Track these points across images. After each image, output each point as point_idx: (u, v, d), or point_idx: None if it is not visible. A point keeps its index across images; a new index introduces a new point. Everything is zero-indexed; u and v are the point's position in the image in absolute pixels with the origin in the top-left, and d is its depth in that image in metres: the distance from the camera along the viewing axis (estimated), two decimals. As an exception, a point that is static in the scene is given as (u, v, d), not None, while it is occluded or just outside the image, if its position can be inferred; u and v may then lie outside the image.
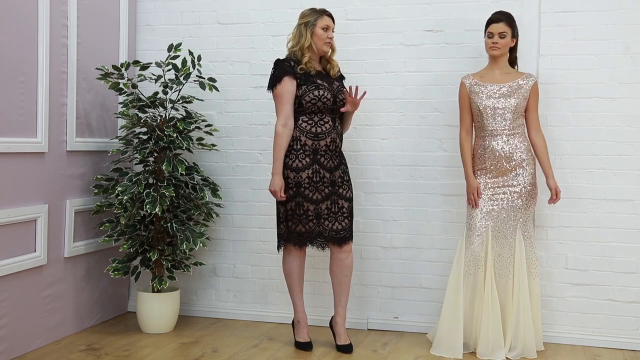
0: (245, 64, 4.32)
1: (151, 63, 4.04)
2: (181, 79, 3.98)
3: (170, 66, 3.99)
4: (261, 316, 4.31)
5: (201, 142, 4.10)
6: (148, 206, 3.75)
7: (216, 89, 4.03)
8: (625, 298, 3.80)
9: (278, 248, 3.69)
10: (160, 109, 4.02)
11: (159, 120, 3.99)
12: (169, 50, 3.99)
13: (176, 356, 3.59)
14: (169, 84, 3.96)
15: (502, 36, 3.57)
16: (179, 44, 4.00)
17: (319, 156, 3.58)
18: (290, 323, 3.94)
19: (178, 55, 3.99)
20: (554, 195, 3.65)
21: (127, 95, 3.99)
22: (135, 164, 4.13)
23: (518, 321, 3.55)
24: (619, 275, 3.81)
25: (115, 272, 3.89)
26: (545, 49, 3.88)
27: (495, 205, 3.59)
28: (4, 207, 3.40)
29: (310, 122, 3.59)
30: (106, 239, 3.94)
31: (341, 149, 3.70)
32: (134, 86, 3.97)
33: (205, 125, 4.15)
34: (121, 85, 3.93)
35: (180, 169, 3.87)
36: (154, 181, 3.93)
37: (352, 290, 4.04)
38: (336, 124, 3.65)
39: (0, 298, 3.38)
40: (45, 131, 3.65)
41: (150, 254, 3.87)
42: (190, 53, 4.01)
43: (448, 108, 4.01)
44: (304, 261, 3.74)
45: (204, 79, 3.98)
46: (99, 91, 4.11)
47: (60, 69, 3.79)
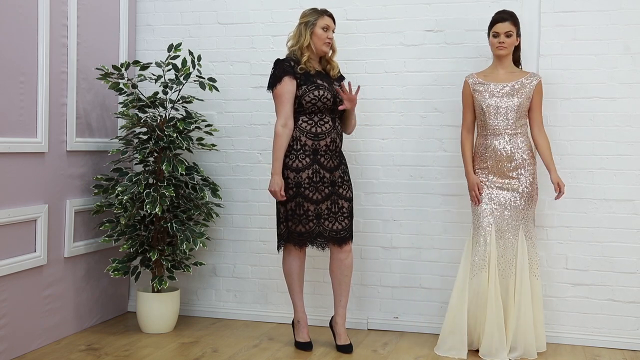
0: (245, 64, 4.32)
1: (151, 63, 4.04)
2: (181, 79, 3.98)
3: (170, 66, 3.99)
4: (261, 316, 4.31)
5: (201, 142, 4.10)
6: (148, 206, 3.75)
7: (216, 89, 4.03)
8: (625, 298, 3.80)
9: (278, 248, 3.69)
10: (160, 109, 4.02)
11: (159, 120, 3.99)
12: (169, 50, 3.99)
13: (176, 356, 3.59)
14: (169, 84, 3.96)
15: (508, 35, 3.55)
16: (179, 44, 4.00)
17: (319, 156, 3.58)
18: (290, 323, 3.94)
19: (178, 55, 3.99)
20: (556, 189, 3.60)
21: (127, 95, 3.99)
22: (135, 164, 4.13)
23: (519, 322, 3.54)
24: (619, 275, 3.81)
25: (115, 272, 3.89)
26: (545, 49, 3.88)
27: (498, 205, 3.57)
28: (4, 207, 3.40)
29: (310, 122, 3.59)
30: (106, 239, 3.94)
31: (341, 149, 3.70)
32: (134, 86, 3.97)
33: (205, 125, 4.15)
34: (121, 85, 3.93)
35: (180, 169, 3.87)
36: (154, 181, 3.93)
37: (352, 290, 4.04)
38: (336, 124, 3.65)
39: (0, 298, 3.38)
40: (45, 131, 3.65)
41: (150, 254, 3.87)
42: (190, 53, 4.01)
43: (448, 108, 4.01)
44: (304, 261, 3.74)
45: (204, 79, 3.98)
46: (99, 91, 4.11)
47: (60, 69, 3.79)
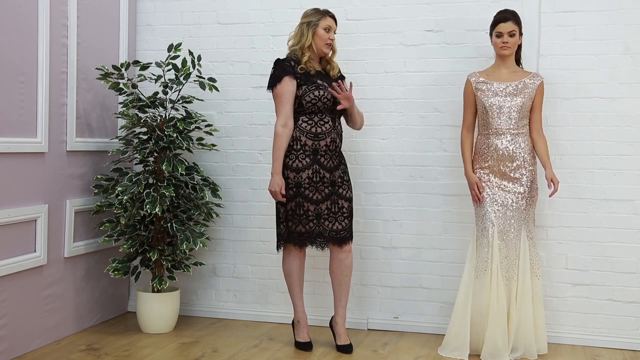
0: (245, 64, 4.32)
1: (151, 63, 4.04)
2: (181, 79, 3.98)
3: (170, 66, 3.99)
4: (261, 316, 4.31)
5: (201, 142, 4.10)
6: (148, 206, 3.75)
7: (216, 89, 4.03)
8: (625, 298, 3.80)
9: (277, 248, 3.69)
10: (160, 109, 4.02)
11: (159, 120, 3.99)
12: (169, 50, 3.99)
13: (176, 356, 3.59)
14: (169, 84, 3.96)
15: (512, 35, 3.54)
16: (179, 44, 4.00)
17: (319, 156, 3.58)
18: (290, 323, 3.94)
19: (178, 55, 3.99)
20: (549, 186, 3.56)
21: (127, 95, 3.99)
22: (135, 164, 4.13)
23: (520, 322, 3.52)
24: (619, 275, 3.81)
25: (115, 272, 3.89)
26: (545, 49, 3.88)
27: (501, 206, 3.55)
28: (4, 207, 3.40)
29: (310, 122, 3.59)
30: (106, 239, 3.94)
31: (341, 149, 3.70)
32: (134, 86, 3.97)
33: (205, 125, 4.15)
34: (121, 85, 3.93)
35: (180, 169, 3.87)
36: (154, 181, 3.93)
37: (352, 290, 4.04)
38: (336, 124, 3.65)
39: (0, 298, 3.38)
40: (45, 131, 3.65)
41: (150, 254, 3.87)
42: (190, 53, 4.01)
43: (448, 108, 4.01)
44: (304, 261, 3.74)
45: (204, 79, 3.98)
46: (99, 91, 4.11)
47: (60, 69, 3.79)
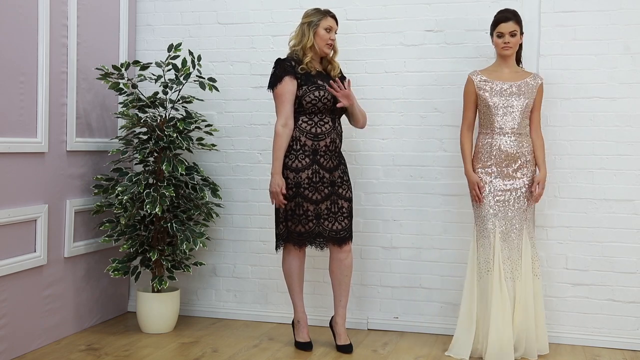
0: (245, 64, 4.32)
1: (151, 63, 4.04)
2: (181, 79, 3.98)
3: (170, 66, 3.99)
4: (261, 316, 4.31)
5: (201, 142, 4.10)
6: (148, 206, 3.75)
7: (216, 89, 4.03)
8: (625, 298, 3.80)
9: (276, 248, 3.69)
10: (160, 109, 4.02)
11: (159, 120, 3.99)
12: (169, 50, 3.99)
13: (176, 356, 3.59)
14: (169, 84, 3.96)
15: (513, 35, 3.53)
16: (179, 44, 4.00)
17: (318, 156, 3.58)
18: (290, 323, 3.94)
19: (178, 55, 3.99)
20: (534, 187, 3.54)
21: (127, 95, 3.99)
22: (135, 164, 4.13)
23: (522, 322, 3.50)
24: (619, 275, 3.80)
25: (115, 272, 3.89)
26: (545, 49, 3.88)
27: (502, 206, 3.54)
28: (4, 207, 3.40)
29: (310, 123, 3.58)
30: (106, 239, 3.94)
31: (341, 150, 3.70)
32: (134, 86, 3.97)
33: (205, 125, 4.15)
34: (121, 85, 3.93)
35: (180, 169, 3.87)
36: (154, 181, 3.93)
37: (352, 290, 4.04)
38: (336, 125, 3.65)
39: (0, 298, 3.38)
40: (45, 131, 3.65)
41: (150, 254, 3.87)
42: (190, 53, 4.01)
43: (448, 108, 4.01)
44: (304, 261, 3.74)
45: (204, 79, 3.98)
46: (99, 91, 4.11)
47: (60, 69, 3.79)
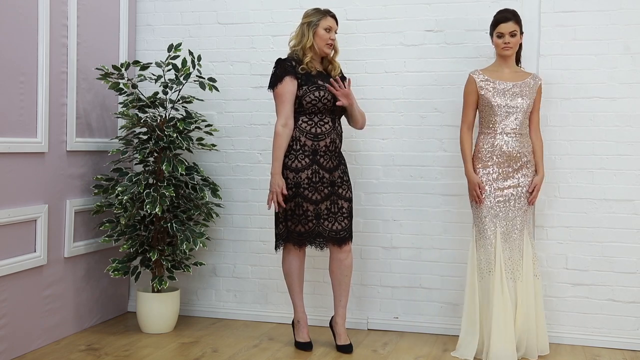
0: (245, 64, 4.32)
1: (151, 63, 4.04)
2: (181, 79, 3.98)
3: (170, 66, 3.99)
4: (261, 316, 4.31)
5: (201, 142, 4.10)
6: (148, 206, 3.75)
7: (216, 89, 4.03)
8: (625, 298, 3.80)
9: (276, 248, 3.69)
10: (160, 109, 4.02)
11: (159, 120, 3.99)
12: (169, 50, 3.99)
13: (176, 356, 3.59)
14: (169, 84, 3.96)
15: (513, 35, 3.52)
16: (179, 44, 4.00)
17: (318, 157, 3.58)
18: (290, 323, 3.94)
19: (178, 55, 3.99)
20: (530, 188, 3.55)
21: (127, 95, 3.99)
22: (135, 164, 4.13)
23: (523, 323, 3.50)
24: (619, 275, 3.80)
25: (115, 272, 3.89)
26: (545, 49, 3.88)
27: (503, 207, 3.53)
28: (4, 207, 3.40)
29: (310, 123, 3.58)
30: (106, 239, 3.94)
31: (340, 150, 3.70)
32: (134, 86, 3.97)
33: (205, 125, 4.15)
34: (121, 85, 3.93)
35: (180, 169, 3.87)
36: (154, 181, 3.93)
37: (352, 290, 4.04)
38: (336, 125, 3.65)
39: (0, 298, 3.38)
40: (45, 131, 3.65)
41: (150, 254, 3.87)
42: (190, 53, 4.01)
43: (448, 108, 4.01)
44: (304, 261, 3.74)
45: (204, 79, 3.98)
46: (99, 91, 4.11)
47: (60, 69, 3.79)
